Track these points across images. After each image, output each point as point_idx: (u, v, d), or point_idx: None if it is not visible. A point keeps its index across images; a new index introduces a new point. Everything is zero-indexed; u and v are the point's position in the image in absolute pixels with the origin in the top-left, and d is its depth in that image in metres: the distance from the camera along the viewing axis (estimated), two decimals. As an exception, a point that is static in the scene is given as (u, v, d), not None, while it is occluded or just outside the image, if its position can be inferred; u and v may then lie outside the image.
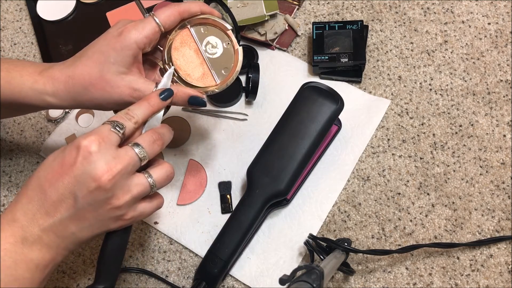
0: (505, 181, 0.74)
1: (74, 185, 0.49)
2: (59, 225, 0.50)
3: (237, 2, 0.85)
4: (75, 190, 0.49)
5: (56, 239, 0.51)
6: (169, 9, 0.58)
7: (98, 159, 0.49)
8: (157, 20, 0.57)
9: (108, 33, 0.57)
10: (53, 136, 0.81)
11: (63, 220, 0.50)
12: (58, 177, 0.50)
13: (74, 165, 0.49)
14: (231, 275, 0.71)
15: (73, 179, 0.49)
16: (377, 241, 0.72)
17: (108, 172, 0.49)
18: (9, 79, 0.58)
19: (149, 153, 0.53)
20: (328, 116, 0.70)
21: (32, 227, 0.50)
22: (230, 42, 0.62)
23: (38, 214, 0.50)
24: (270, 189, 0.69)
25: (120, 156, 0.51)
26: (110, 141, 0.51)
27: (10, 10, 0.92)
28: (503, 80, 0.81)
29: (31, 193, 0.50)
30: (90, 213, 0.51)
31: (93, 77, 0.56)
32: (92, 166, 0.49)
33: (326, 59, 0.80)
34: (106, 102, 0.58)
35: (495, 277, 0.69)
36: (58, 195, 0.50)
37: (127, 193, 0.52)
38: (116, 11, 0.90)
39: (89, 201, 0.50)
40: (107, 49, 0.56)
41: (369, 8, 0.87)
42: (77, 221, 0.51)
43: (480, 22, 0.85)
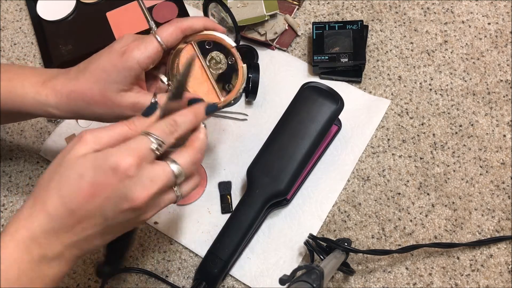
0: (505, 181, 0.74)
1: (105, 205, 0.47)
2: (84, 241, 0.48)
3: (237, 2, 0.85)
4: (106, 210, 0.47)
5: (78, 253, 0.49)
6: (171, 27, 0.58)
7: (135, 183, 0.46)
8: (159, 39, 0.57)
9: (112, 50, 0.57)
10: (53, 136, 0.81)
11: (89, 236, 0.48)
12: (89, 198, 0.46)
13: (108, 187, 0.46)
14: (231, 275, 0.71)
15: (105, 200, 0.46)
16: (377, 241, 0.72)
17: (144, 196, 0.47)
18: (11, 89, 0.58)
19: (186, 173, 0.50)
20: (328, 116, 0.70)
21: (53, 244, 0.47)
22: (235, 59, 0.62)
23: (62, 232, 0.47)
24: (270, 189, 0.69)
25: (157, 177, 0.48)
26: (148, 160, 0.48)
27: (10, 10, 0.92)
28: (503, 80, 0.81)
29: (53, 211, 0.46)
30: (118, 227, 0.50)
31: (95, 94, 0.56)
32: (128, 189, 0.46)
33: (326, 59, 0.80)
34: (107, 116, 0.58)
35: (495, 277, 0.69)
36: (87, 214, 0.47)
37: (156, 208, 0.50)
38: (116, 11, 0.90)
39: (119, 219, 0.48)
40: (109, 68, 0.56)
41: (369, 8, 0.87)
42: (103, 236, 0.49)
43: (480, 22, 0.85)
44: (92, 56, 0.59)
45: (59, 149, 0.79)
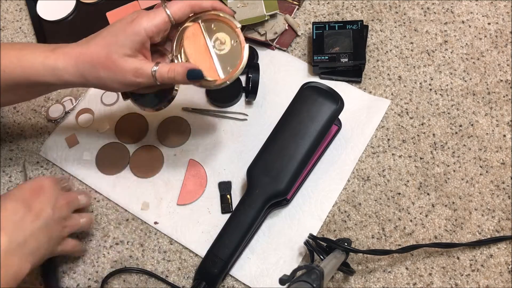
0: (505, 181, 0.74)
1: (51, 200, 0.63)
2: (39, 232, 0.61)
3: (237, 2, 0.85)
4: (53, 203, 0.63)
5: (35, 245, 0.60)
6: (181, 2, 0.61)
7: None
8: (168, 12, 0.60)
9: (123, 19, 0.61)
10: (53, 136, 0.81)
11: (42, 227, 0.61)
12: (39, 194, 0.62)
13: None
14: (231, 275, 0.71)
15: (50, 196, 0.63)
16: (377, 241, 0.72)
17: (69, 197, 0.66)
18: (20, 57, 0.61)
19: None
20: (328, 116, 0.70)
21: (18, 233, 0.58)
22: (238, 40, 0.63)
23: (23, 222, 0.59)
24: (270, 189, 0.69)
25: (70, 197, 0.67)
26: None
27: (10, 10, 0.92)
28: (503, 80, 0.81)
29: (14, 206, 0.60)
30: (55, 227, 0.63)
31: (101, 56, 0.59)
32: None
33: (326, 59, 0.80)
34: (110, 81, 0.61)
35: (495, 277, 0.69)
36: (41, 206, 0.62)
37: (75, 221, 0.67)
38: (116, 11, 0.90)
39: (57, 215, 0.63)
40: (118, 33, 0.60)
41: (369, 8, 0.87)
42: (47, 232, 0.62)
43: (480, 22, 0.85)
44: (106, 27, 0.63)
45: (59, 149, 0.80)
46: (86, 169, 0.78)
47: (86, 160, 0.79)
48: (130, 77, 0.59)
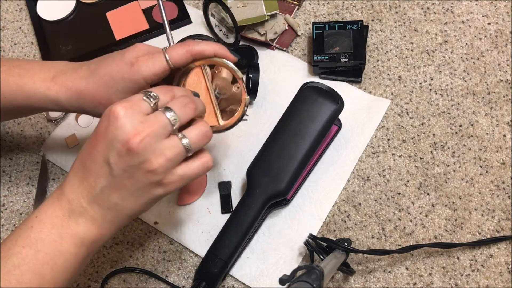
0: (505, 181, 0.74)
1: (106, 151, 0.49)
2: (101, 195, 0.51)
3: (237, 2, 0.85)
4: (108, 157, 0.49)
5: (101, 211, 0.51)
6: (182, 49, 0.58)
7: (125, 123, 0.49)
8: (168, 59, 0.57)
9: (123, 59, 0.58)
10: (53, 136, 0.81)
11: (104, 189, 0.50)
12: (93, 147, 0.50)
13: (105, 132, 0.49)
14: (231, 275, 0.71)
15: (105, 146, 0.49)
16: (377, 241, 0.72)
17: (136, 135, 0.48)
18: (22, 85, 0.60)
19: (181, 116, 0.52)
20: (328, 116, 0.70)
21: (78, 199, 0.51)
22: (240, 89, 0.62)
23: (82, 187, 0.51)
24: (270, 189, 0.69)
25: (149, 120, 0.50)
26: (139, 107, 0.50)
27: (10, 10, 0.92)
28: (503, 80, 0.81)
29: (75, 167, 0.52)
30: (127, 180, 0.50)
31: (102, 97, 0.59)
32: (120, 130, 0.49)
33: (326, 59, 0.80)
34: None
35: (495, 277, 0.69)
36: (95, 164, 0.50)
37: (160, 156, 0.50)
38: (116, 11, 0.90)
39: (122, 166, 0.49)
40: (117, 77, 0.58)
41: (369, 8, 0.87)
42: (117, 190, 0.51)
43: (480, 22, 0.85)
44: (103, 58, 0.61)
45: (59, 149, 0.80)
46: (86, 169, 0.78)
47: (86, 160, 0.79)
48: None
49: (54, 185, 0.77)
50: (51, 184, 0.78)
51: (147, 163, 0.49)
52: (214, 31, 0.86)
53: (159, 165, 0.50)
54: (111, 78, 0.58)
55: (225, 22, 0.84)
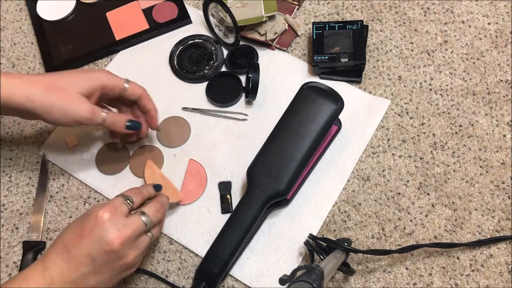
0: (505, 181, 0.74)
1: (92, 247, 0.58)
2: (81, 278, 0.59)
3: (236, 2, 0.85)
4: (93, 252, 0.58)
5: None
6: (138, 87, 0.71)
7: (110, 227, 0.59)
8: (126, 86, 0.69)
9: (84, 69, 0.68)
10: (53, 136, 0.81)
11: (84, 274, 0.58)
12: (80, 240, 0.58)
13: (92, 231, 0.58)
14: (231, 275, 0.71)
15: (91, 242, 0.58)
16: (377, 241, 0.72)
17: (119, 237, 0.59)
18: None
19: (153, 220, 0.63)
20: (328, 116, 0.70)
21: (59, 277, 0.58)
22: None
23: (65, 269, 0.58)
24: (270, 189, 0.69)
25: (129, 224, 0.60)
26: (121, 210, 0.61)
27: (10, 10, 0.92)
28: (503, 80, 0.81)
29: (59, 250, 0.59)
30: (106, 269, 0.59)
31: (58, 85, 0.65)
32: (106, 232, 0.58)
33: (326, 59, 0.80)
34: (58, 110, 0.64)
35: (495, 277, 0.69)
36: (80, 255, 0.58)
37: (135, 251, 0.61)
38: (116, 11, 0.90)
39: (104, 260, 0.59)
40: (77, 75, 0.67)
41: (369, 8, 0.87)
42: (96, 275, 0.59)
43: (480, 22, 0.85)
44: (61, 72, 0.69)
45: (59, 149, 0.80)
46: (86, 169, 0.78)
47: (86, 160, 0.79)
48: (85, 114, 0.65)
49: (54, 185, 0.77)
50: (51, 184, 0.78)
51: (125, 258, 0.60)
52: (214, 31, 0.86)
53: (134, 257, 0.61)
54: (72, 75, 0.66)
55: (225, 22, 0.84)
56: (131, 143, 0.79)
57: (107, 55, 0.87)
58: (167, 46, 0.87)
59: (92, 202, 0.76)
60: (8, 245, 0.74)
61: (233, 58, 0.84)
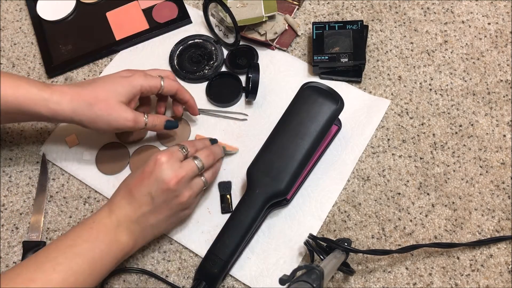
0: (505, 181, 0.74)
1: (151, 186, 0.64)
2: (142, 218, 0.65)
3: (236, 2, 0.85)
4: (152, 191, 0.64)
5: (139, 228, 0.65)
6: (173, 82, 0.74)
7: (167, 168, 0.65)
8: (162, 85, 0.72)
9: (118, 74, 0.71)
10: (53, 136, 0.81)
11: (145, 214, 0.65)
12: (141, 181, 0.65)
13: (152, 172, 0.65)
14: (231, 275, 0.71)
15: (151, 182, 0.64)
16: (377, 241, 0.72)
17: (175, 177, 0.64)
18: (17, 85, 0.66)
19: (205, 163, 0.68)
20: (328, 116, 0.70)
21: (124, 218, 0.64)
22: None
23: (128, 209, 0.65)
24: (270, 189, 0.69)
25: (184, 166, 0.66)
26: (176, 156, 0.66)
27: (10, 10, 0.92)
28: (503, 80, 0.81)
29: (122, 193, 0.66)
30: (164, 208, 0.66)
31: (99, 97, 0.68)
32: (163, 173, 0.64)
33: (326, 59, 0.80)
34: (101, 120, 0.68)
35: (495, 277, 0.69)
36: (141, 195, 0.65)
37: (189, 191, 0.67)
38: (116, 11, 0.90)
39: (163, 198, 0.65)
40: (116, 82, 0.69)
41: (369, 8, 0.87)
42: (155, 215, 0.66)
43: (480, 22, 0.85)
44: (97, 78, 0.71)
45: (59, 149, 0.80)
46: (86, 169, 0.78)
47: (86, 160, 0.79)
48: (128, 123, 0.69)
49: (54, 185, 0.77)
50: (51, 184, 0.78)
51: (180, 196, 0.66)
52: (214, 31, 0.86)
53: (189, 197, 0.67)
54: (111, 83, 0.69)
55: (225, 22, 0.84)
56: (131, 143, 0.79)
57: (107, 55, 0.87)
58: (167, 46, 0.87)
59: (92, 202, 0.76)
60: (8, 245, 0.74)
61: (233, 58, 0.84)
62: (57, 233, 0.74)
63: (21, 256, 0.73)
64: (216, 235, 0.70)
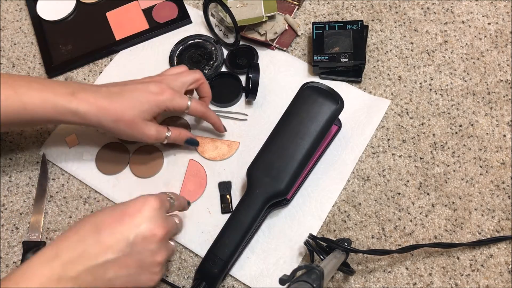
0: (505, 181, 0.74)
1: (131, 231, 0.55)
2: (100, 268, 0.54)
3: (236, 2, 0.85)
4: (131, 235, 0.55)
5: (90, 280, 0.53)
6: (200, 105, 0.73)
7: (157, 216, 0.57)
8: (189, 105, 0.71)
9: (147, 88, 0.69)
10: (53, 136, 0.81)
11: (106, 263, 0.54)
12: (119, 221, 0.55)
13: (137, 214, 0.56)
14: (231, 275, 0.71)
15: (132, 226, 0.55)
16: (377, 241, 0.72)
17: (163, 229, 0.57)
18: (44, 98, 0.65)
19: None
20: (328, 116, 0.70)
21: (73, 265, 0.53)
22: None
23: (85, 254, 0.53)
24: (270, 189, 0.69)
25: (169, 221, 0.60)
26: (166, 207, 0.61)
27: (10, 10, 0.92)
28: (503, 80, 0.81)
29: (83, 232, 0.55)
30: (133, 262, 0.55)
31: (125, 116, 0.67)
32: (153, 220, 0.57)
33: (326, 59, 0.80)
34: (126, 134, 0.70)
35: (495, 277, 0.69)
36: (113, 238, 0.54)
37: (166, 252, 0.59)
38: (116, 11, 0.90)
39: (139, 248, 0.55)
40: (143, 100, 0.68)
41: (369, 8, 0.87)
42: (118, 267, 0.55)
43: (480, 22, 0.85)
44: (124, 84, 0.70)
45: (59, 149, 0.80)
46: (86, 169, 0.78)
47: (86, 160, 0.79)
48: (149, 139, 0.70)
49: (54, 185, 0.77)
50: (51, 184, 0.78)
51: (158, 255, 0.57)
52: (214, 31, 0.86)
53: (165, 257, 0.59)
54: (137, 101, 0.68)
55: (225, 22, 0.84)
56: (131, 143, 0.79)
57: (107, 55, 0.87)
58: (167, 46, 0.87)
59: (92, 202, 0.76)
60: (8, 245, 0.74)
61: (233, 58, 0.84)
62: (57, 233, 0.74)
63: (21, 256, 0.73)
64: (216, 235, 0.70)
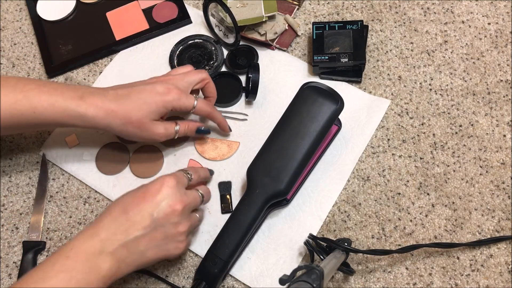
0: (505, 181, 0.74)
1: (154, 208, 0.61)
2: (133, 241, 0.60)
3: (236, 2, 0.85)
4: (154, 212, 0.61)
5: (125, 253, 0.60)
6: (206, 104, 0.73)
7: (175, 192, 0.63)
8: (195, 105, 0.72)
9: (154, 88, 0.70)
10: (53, 136, 0.81)
11: (137, 237, 0.61)
12: (142, 201, 0.62)
13: (156, 194, 0.62)
14: (231, 275, 0.71)
15: (154, 204, 0.62)
16: (377, 241, 0.72)
17: (181, 202, 0.63)
18: (53, 102, 0.66)
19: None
20: (328, 116, 0.70)
21: (110, 240, 0.60)
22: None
23: (118, 231, 0.60)
24: (270, 189, 0.69)
25: (189, 194, 0.65)
26: (183, 181, 0.65)
27: (10, 10, 0.92)
28: (503, 80, 0.81)
29: (114, 213, 0.62)
30: (159, 234, 0.62)
31: (133, 118, 0.68)
32: (171, 196, 0.62)
33: (326, 59, 0.80)
34: (135, 136, 0.70)
35: (495, 277, 0.69)
36: (140, 216, 0.61)
37: (188, 222, 0.65)
38: (116, 11, 0.90)
39: (162, 223, 0.62)
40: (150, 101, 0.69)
41: (369, 8, 0.87)
42: (147, 240, 0.61)
43: (480, 22, 0.85)
44: (131, 86, 0.70)
45: (59, 149, 0.80)
46: (86, 169, 0.78)
47: (86, 160, 0.79)
48: (158, 137, 0.71)
49: (54, 185, 0.77)
50: (51, 184, 0.78)
51: (180, 226, 0.63)
52: (214, 31, 0.86)
53: (188, 227, 0.65)
54: (145, 102, 0.68)
55: (225, 22, 0.84)
56: (131, 143, 0.79)
57: (107, 55, 0.87)
58: (167, 46, 0.87)
59: (92, 202, 0.76)
60: (8, 245, 0.74)
61: (233, 58, 0.84)
62: (57, 233, 0.74)
63: (21, 256, 0.73)
64: (216, 235, 0.70)
